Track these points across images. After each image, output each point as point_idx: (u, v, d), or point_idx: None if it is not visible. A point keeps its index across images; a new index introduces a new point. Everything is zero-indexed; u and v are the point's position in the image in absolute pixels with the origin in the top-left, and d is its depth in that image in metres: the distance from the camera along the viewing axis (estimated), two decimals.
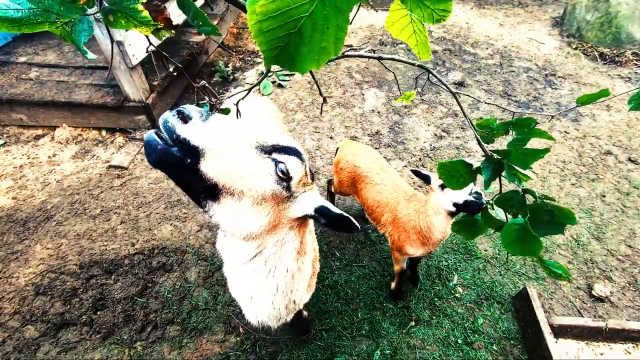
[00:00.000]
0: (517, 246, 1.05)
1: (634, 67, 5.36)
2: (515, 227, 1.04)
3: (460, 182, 1.19)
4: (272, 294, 1.47)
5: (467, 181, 1.18)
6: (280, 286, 1.46)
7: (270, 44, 0.69)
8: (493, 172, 1.11)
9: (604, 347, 2.47)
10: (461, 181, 1.18)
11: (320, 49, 0.70)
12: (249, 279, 1.45)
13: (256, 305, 1.54)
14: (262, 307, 1.54)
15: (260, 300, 1.51)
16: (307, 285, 1.68)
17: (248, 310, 1.63)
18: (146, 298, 2.87)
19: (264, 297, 1.49)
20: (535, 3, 7.31)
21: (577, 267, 3.06)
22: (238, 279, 1.54)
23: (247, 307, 1.61)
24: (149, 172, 3.91)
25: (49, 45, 4.82)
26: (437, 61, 5.63)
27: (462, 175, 1.17)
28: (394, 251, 2.59)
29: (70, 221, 3.41)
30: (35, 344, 2.61)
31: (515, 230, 1.04)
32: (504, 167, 1.09)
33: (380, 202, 2.55)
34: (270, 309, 1.54)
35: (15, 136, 4.35)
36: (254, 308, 1.57)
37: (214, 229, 3.34)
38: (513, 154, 1.08)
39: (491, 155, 1.10)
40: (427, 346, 2.62)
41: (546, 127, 4.41)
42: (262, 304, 1.52)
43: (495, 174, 1.12)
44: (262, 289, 1.46)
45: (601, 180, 3.77)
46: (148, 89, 4.21)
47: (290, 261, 1.43)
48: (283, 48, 0.70)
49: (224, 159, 1.13)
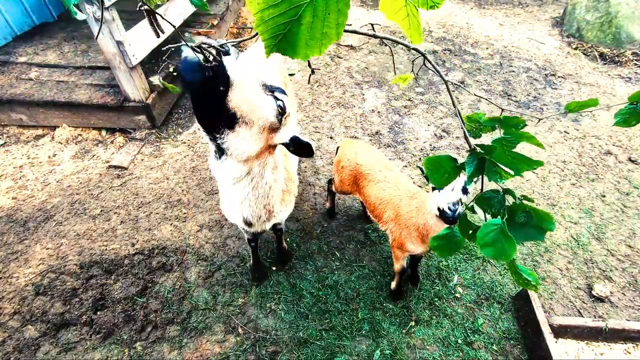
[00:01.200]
0: (491, 248, 1.01)
1: (634, 67, 5.36)
2: (493, 228, 1.01)
3: (444, 178, 1.17)
4: (255, 198, 1.88)
5: (451, 177, 1.16)
6: (261, 193, 1.87)
7: (272, 32, 0.70)
8: (477, 167, 1.10)
9: (604, 347, 2.47)
10: (445, 177, 1.16)
11: (322, 35, 0.71)
12: (240, 191, 1.83)
13: (244, 207, 1.93)
14: (248, 209, 1.94)
15: (247, 203, 1.91)
16: (281, 198, 2.11)
17: (237, 213, 2.01)
18: (146, 298, 2.87)
19: (250, 201, 1.89)
20: (535, 3, 7.31)
21: (577, 267, 3.06)
22: (231, 192, 1.90)
23: (236, 211, 2.00)
24: (149, 172, 3.91)
25: (49, 45, 4.81)
26: (437, 61, 5.63)
27: (446, 171, 1.15)
28: (395, 248, 2.59)
29: (70, 221, 3.41)
30: (35, 344, 2.61)
31: (492, 232, 1.00)
32: (485, 163, 1.07)
33: (383, 199, 2.56)
34: (254, 209, 1.95)
35: (15, 136, 4.34)
36: (241, 209, 1.96)
37: (214, 229, 3.35)
38: (498, 151, 1.06)
39: (475, 149, 1.08)
40: (427, 346, 2.62)
41: (546, 127, 4.41)
42: (248, 206, 1.93)
43: (478, 169, 1.10)
44: (249, 196, 1.86)
45: (601, 180, 3.77)
46: (148, 89, 4.21)
47: (269, 176, 1.83)
48: (284, 36, 0.70)
49: (248, 92, 1.38)
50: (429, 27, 6.51)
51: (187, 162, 4.02)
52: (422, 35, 1.01)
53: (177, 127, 4.51)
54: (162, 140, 4.32)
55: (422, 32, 1.03)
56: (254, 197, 1.87)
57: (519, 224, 1.02)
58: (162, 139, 4.34)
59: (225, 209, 2.19)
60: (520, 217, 1.02)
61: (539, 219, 1.00)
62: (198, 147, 4.22)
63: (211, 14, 5.55)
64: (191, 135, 4.39)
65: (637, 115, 0.98)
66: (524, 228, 1.02)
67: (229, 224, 3.37)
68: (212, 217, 3.45)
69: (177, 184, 3.76)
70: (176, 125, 4.53)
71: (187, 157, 4.09)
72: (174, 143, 4.28)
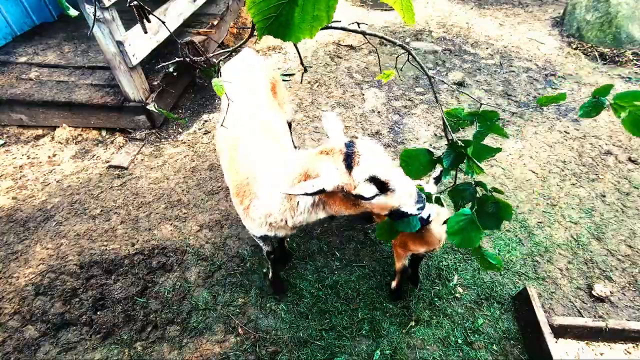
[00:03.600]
0: (459, 237, 1.10)
1: (634, 67, 5.35)
2: (462, 217, 1.08)
3: (418, 170, 1.24)
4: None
5: (425, 170, 1.23)
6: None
7: (263, 14, 0.71)
8: (453, 161, 1.16)
9: (604, 347, 2.47)
10: (420, 169, 1.23)
11: (313, 17, 0.72)
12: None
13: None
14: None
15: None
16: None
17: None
18: (146, 298, 2.87)
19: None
20: (535, 3, 7.31)
21: (577, 267, 3.06)
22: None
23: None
24: (149, 172, 3.91)
25: (49, 45, 4.82)
26: (437, 61, 5.63)
27: (421, 164, 1.21)
28: (397, 247, 2.59)
29: (70, 221, 3.41)
30: (35, 344, 2.61)
31: (461, 221, 1.08)
32: (463, 157, 1.13)
33: None
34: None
35: (15, 136, 4.35)
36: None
37: (214, 229, 3.35)
38: (474, 147, 1.12)
39: (455, 142, 1.13)
40: (427, 346, 2.62)
41: (546, 127, 4.41)
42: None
43: (455, 163, 1.16)
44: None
45: (601, 180, 3.77)
46: (148, 89, 4.21)
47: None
48: (275, 18, 0.71)
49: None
50: (429, 27, 6.51)
51: (187, 162, 4.02)
52: (415, 17, 1.04)
53: (177, 127, 4.51)
54: (162, 140, 4.32)
55: (415, 15, 1.05)
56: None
57: (487, 213, 1.09)
58: (162, 139, 4.34)
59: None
60: (489, 207, 1.09)
61: (501, 210, 1.08)
62: (198, 147, 4.22)
63: (211, 14, 5.55)
64: (191, 135, 4.39)
65: (599, 107, 1.05)
66: (489, 218, 1.10)
67: (229, 223, 3.37)
68: (212, 217, 3.45)
69: (177, 184, 3.76)
70: (176, 125, 4.53)
71: (187, 157, 4.09)
72: (174, 143, 4.28)
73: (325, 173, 1.61)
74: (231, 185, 2.26)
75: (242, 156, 2.15)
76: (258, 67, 2.84)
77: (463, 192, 1.16)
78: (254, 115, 2.37)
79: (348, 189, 1.61)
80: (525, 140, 4.25)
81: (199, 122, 4.58)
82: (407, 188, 1.61)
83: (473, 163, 1.10)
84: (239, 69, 2.82)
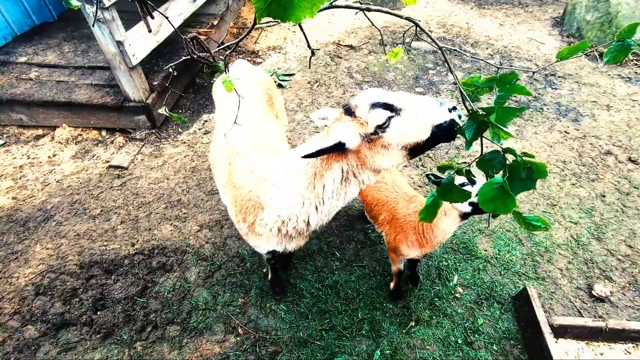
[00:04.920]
0: (492, 204, 1.08)
1: (634, 67, 5.36)
2: (494, 186, 1.07)
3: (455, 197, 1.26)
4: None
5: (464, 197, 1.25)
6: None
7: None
8: (476, 130, 1.13)
9: (604, 347, 2.47)
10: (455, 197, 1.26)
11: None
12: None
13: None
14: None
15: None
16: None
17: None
18: (146, 298, 2.87)
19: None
20: (535, 3, 7.31)
21: (577, 267, 3.06)
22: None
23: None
24: (149, 172, 3.91)
25: (49, 45, 4.81)
26: (437, 61, 5.63)
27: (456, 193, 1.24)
28: (390, 252, 2.59)
29: (70, 221, 3.41)
30: (35, 344, 2.61)
31: (493, 189, 1.07)
32: (487, 126, 1.10)
33: (379, 200, 2.55)
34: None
35: (15, 136, 4.35)
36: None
37: (214, 229, 3.35)
38: (497, 112, 1.09)
39: (476, 111, 1.10)
40: (427, 346, 2.62)
41: (546, 127, 4.41)
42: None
43: (478, 132, 1.13)
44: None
45: (601, 180, 3.77)
46: (148, 89, 4.21)
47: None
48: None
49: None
50: (429, 27, 6.51)
51: (187, 162, 4.02)
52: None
53: (177, 127, 4.51)
54: (162, 140, 4.32)
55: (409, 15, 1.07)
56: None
57: (519, 179, 1.07)
58: (162, 139, 4.34)
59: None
60: (522, 173, 1.06)
61: (536, 171, 1.06)
62: (198, 147, 4.22)
63: (211, 14, 5.55)
64: (191, 135, 4.39)
65: (625, 50, 1.00)
66: (521, 182, 1.08)
67: (229, 223, 3.37)
68: (212, 217, 3.45)
69: (177, 184, 3.76)
70: (176, 125, 4.53)
71: (187, 157, 4.09)
72: (174, 143, 4.28)
73: (334, 130, 1.55)
74: (230, 203, 2.11)
75: (242, 169, 2.02)
76: (254, 78, 2.76)
77: (491, 161, 1.12)
78: (251, 126, 2.25)
79: (364, 132, 1.51)
80: (525, 140, 4.25)
81: (199, 122, 4.58)
82: (419, 100, 1.49)
83: (498, 129, 1.07)
84: (235, 80, 2.78)
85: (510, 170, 1.07)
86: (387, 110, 1.46)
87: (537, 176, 1.05)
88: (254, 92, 2.60)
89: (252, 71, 2.88)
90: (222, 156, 2.22)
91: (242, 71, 2.86)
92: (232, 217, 2.16)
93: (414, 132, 1.46)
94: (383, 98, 1.49)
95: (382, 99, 1.48)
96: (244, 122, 2.23)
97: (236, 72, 2.87)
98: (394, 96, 1.50)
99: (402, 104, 1.47)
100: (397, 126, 1.47)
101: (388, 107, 1.46)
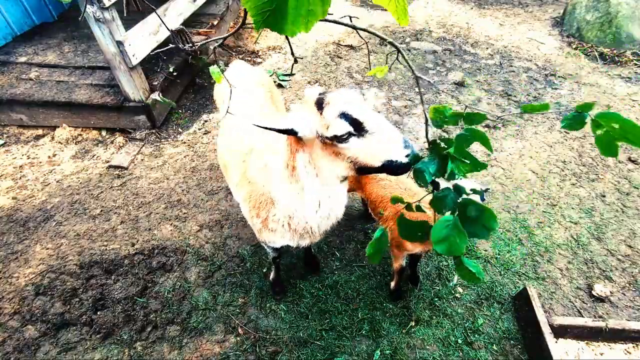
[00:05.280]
0: (445, 244, 1.05)
1: (634, 67, 5.36)
2: (446, 223, 1.04)
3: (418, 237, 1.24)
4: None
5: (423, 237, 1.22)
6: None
7: (259, 8, 0.72)
8: (439, 166, 1.11)
9: (604, 347, 2.47)
10: (419, 235, 1.23)
11: (308, 12, 0.74)
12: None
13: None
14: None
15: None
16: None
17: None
18: (146, 298, 2.87)
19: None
20: (535, 3, 7.31)
21: (577, 267, 3.06)
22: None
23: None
24: (149, 172, 3.91)
25: (49, 45, 4.81)
26: (437, 61, 5.63)
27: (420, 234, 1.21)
28: (393, 247, 2.59)
29: (70, 221, 3.41)
30: (35, 344, 2.60)
31: (445, 228, 1.04)
32: (448, 160, 1.08)
33: (384, 197, 2.57)
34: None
35: (15, 136, 4.35)
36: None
37: (214, 229, 3.35)
38: (457, 145, 1.08)
39: (435, 140, 1.10)
40: (427, 346, 2.62)
41: (546, 127, 4.41)
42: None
43: (441, 169, 1.11)
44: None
45: (601, 180, 3.77)
46: (148, 89, 4.21)
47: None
48: (272, 12, 0.73)
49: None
50: (429, 27, 6.51)
51: (187, 162, 4.02)
52: (409, 18, 1.04)
53: (177, 127, 4.51)
54: (162, 140, 4.32)
55: (409, 17, 1.05)
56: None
57: (470, 219, 1.05)
58: (162, 139, 4.34)
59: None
60: (471, 211, 1.04)
61: (486, 217, 1.04)
62: (198, 147, 4.22)
63: (211, 14, 5.55)
64: (191, 135, 4.39)
65: (580, 121, 1.08)
66: (473, 225, 1.05)
67: (229, 223, 3.37)
68: (212, 217, 3.45)
69: (177, 184, 3.76)
70: (176, 125, 4.53)
71: (187, 157, 4.09)
72: (174, 143, 4.28)
73: (295, 115, 1.53)
74: (244, 199, 2.15)
75: (256, 165, 2.04)
76: (254, 78, 2.79)
77: (443, 199, 1.10)
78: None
79: (322, 132, 1.49)
80: (525, 140, 4.25)
81: (199, 122, 4.58)
82: (388, 131, 1.47)
83: (459, 163, 1.05)
84: (237, 82, 2.77)
85: (460, 209, 1.05)
86: (351, 127, 1.45)
87: (488, 224, 1.03)
88: (256, 92, 2.63)
89: (251, 72, 2.89)
90: (235, 155, 2.27)
91: (241, 72, 2.87)
92: (245, 214, 2.20)
93: (366, 156, 1.50)
94: (356, 112, 1.46)
95: (354, 113, 1.45)
96: (256, 120, 2.28)
97: (234, 73, 2.89)
98: (367, 115, 1.47)
99: (370, 127, 1.46)
100: (354, 144, 1.48)
101: (355, 124, 1.45)
